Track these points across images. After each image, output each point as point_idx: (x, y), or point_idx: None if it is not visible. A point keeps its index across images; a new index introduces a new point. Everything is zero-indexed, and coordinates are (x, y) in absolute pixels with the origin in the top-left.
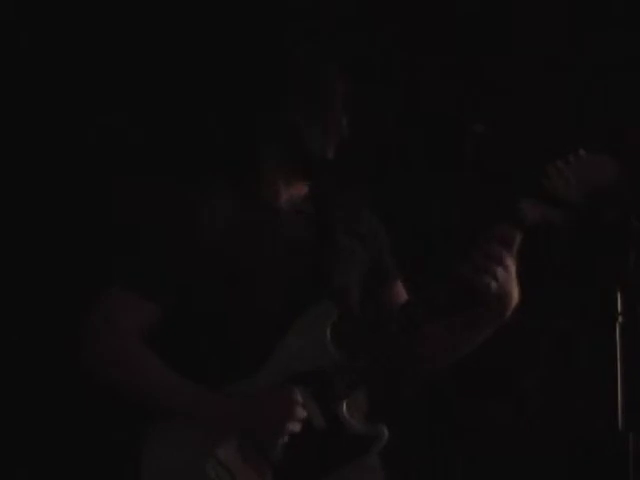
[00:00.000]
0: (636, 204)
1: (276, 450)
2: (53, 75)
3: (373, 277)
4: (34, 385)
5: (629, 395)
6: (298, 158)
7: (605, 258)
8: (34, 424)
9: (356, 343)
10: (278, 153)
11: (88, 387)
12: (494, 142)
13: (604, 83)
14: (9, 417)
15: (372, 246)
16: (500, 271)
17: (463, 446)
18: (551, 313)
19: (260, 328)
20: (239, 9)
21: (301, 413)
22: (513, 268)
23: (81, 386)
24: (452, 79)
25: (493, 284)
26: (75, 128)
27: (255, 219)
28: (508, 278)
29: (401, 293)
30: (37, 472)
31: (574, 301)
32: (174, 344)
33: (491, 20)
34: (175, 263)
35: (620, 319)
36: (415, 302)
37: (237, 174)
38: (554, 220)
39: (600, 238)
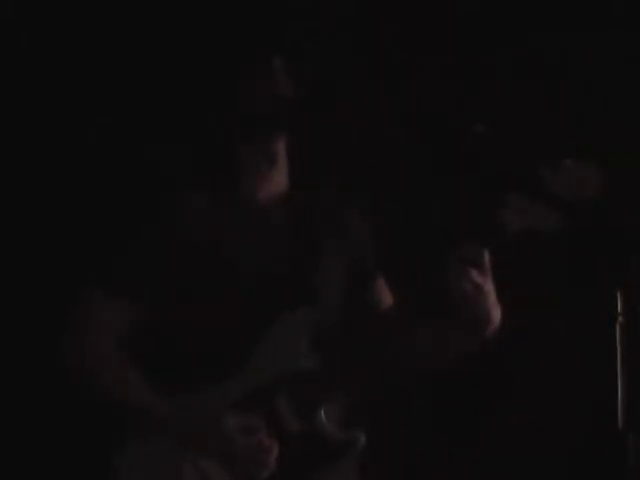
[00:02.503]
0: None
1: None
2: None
3: (353, 277)
4: (14, 385)
5: (629, 395)
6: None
7: (605, 258)
8: (12, 424)
9: (334, 347)
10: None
11: (68, 388)
12: (494, 142)
13: (604, 83)
14: None
15: (353, 245)
16: (468, 286)
17: (463, 446)
18: (551, 313)
19: (236, 331)
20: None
21: (240, 441)
22: (487, 285)
23: (62, 386)
24: (452, 79)
25: (463, 302)
26: (57, 127)
27: (233, 216)
28: (478, 294)
29: (383, 294)
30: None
31: (574, 301)
32: (148, 347)
33: (491, 20)
34: (154, 265)
35: (620, 319)
36: (398, 306)
37: (215, 170)
38: (542, 227)
39: (600, 238)
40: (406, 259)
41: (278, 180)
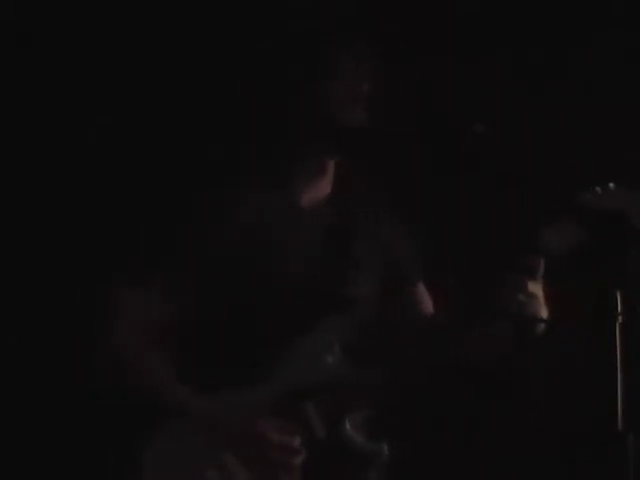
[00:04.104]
0: None
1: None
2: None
3: (390, 284)
4: (37, 384)
5: (629, 395)
6: (328, 130)
7: (605, 258)
8: (36, 423)
9: (367, 358)
10: (306, 133)
11: (97, 385)
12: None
13: (605, 84)
14: (11, 417)
15: (390, 251)
16: (524, 298)
17: (463, 445)
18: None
19: (270, 337)
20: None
21: (273, 442)
22: (539, 293)
23: (89, 384)
24: (452, 79)
25: (518, 310)
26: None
27: (275, 221)
28: (533, 303)
29: (422, 299)
30: (39, 472)
31: (574, 301)
32: (184, 345)
33: (491, 20)
34: (194, 263)
35: (620, 319)
36: (442, 312)
37: (261, 174)
38: (578, 242)
39: (600, 238)
40: (452, 266)
41: (324, 187)
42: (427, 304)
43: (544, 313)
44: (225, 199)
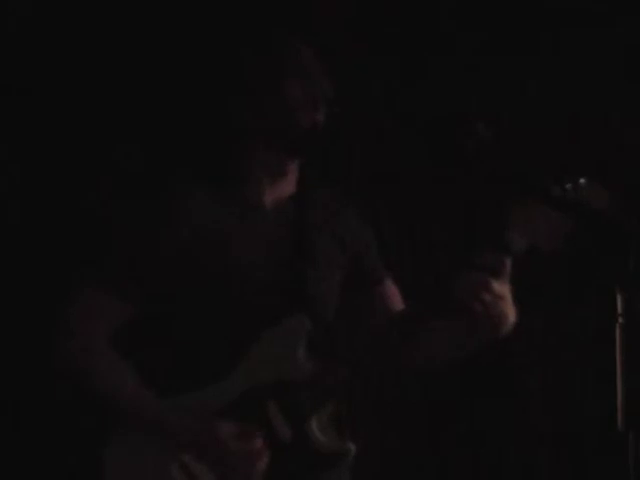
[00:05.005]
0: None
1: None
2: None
3: (353, 281)
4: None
5: (629, 395)
6: (286, 133)
7: (605, 258)
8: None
9: (330, 355)
10: (265, 134)
11: (57, 386)
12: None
13: (605, 83)
14: None
15: (353, 248)
16: (488, 297)
17: (462, 445)
18: (551, 313)
19: (230, 335)
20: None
21: (232, 445)
22: (505, 292)
23: (50, 384)
24: (452, 79)
25: (479, 307)
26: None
27: (235, 220)
28: (497, 302)
29: (389, 294)
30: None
31: (574, 301)
32: (141, 345)
33: (491, 20)
34: (149, 263)
35: (620, 319)
36: (404, 315)
37: (218, 172)
38: (541, 247)
39: (600, 238)
40: (415, 263)
41: (286, 187)
42: (396, 299)
43: (512, 315)
44: (179, 200)
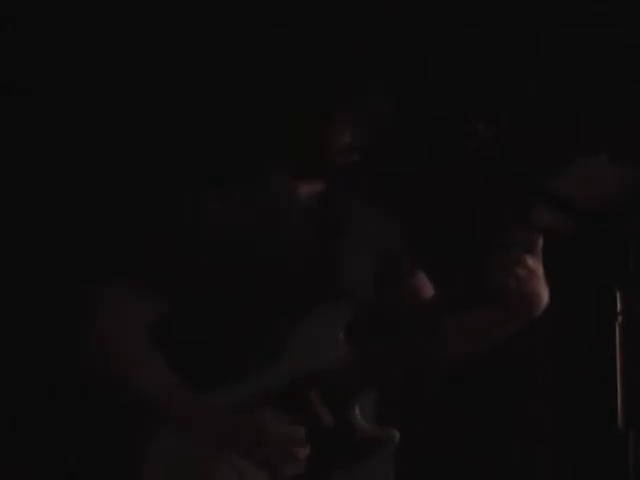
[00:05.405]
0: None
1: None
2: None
3: (383, 277)
4: (34, 385)
5: (629, 395)
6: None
7: (605, 258)
8: (33, 424)
9: (369, 343)
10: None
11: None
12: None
13: (605, 83)
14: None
15: (382, 245)
16: (522, 272)
17: (463, 444)
18: (551, 313)
19: (268, 326)
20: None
21: (273, 432)
22: (539, 269)
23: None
24: (452, 79)
25: (513, 284)
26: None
27: (265, 215)
28: (532, 279)
29: (421, 288)
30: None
31: (574, 301)
32: (177, 343)
33: (491, 20)
34: (180, 260)
35: (620, 319)
36: (435, 300)
37: (244, 170)
38: (563, 226)
39: (600, 237)
40: (445, 251)
41: (315, 185)
42: (428, 291)
43: (545, 291)
44: (209, 196)
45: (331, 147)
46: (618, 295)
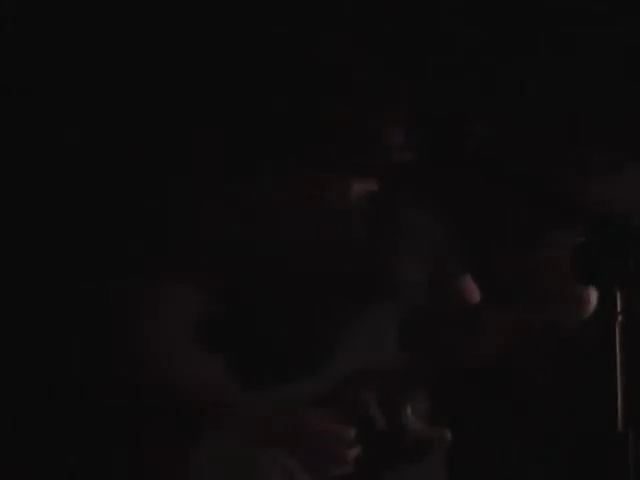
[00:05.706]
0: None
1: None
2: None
3: (432, 279)
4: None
5: (629, 395)
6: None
7: (605, 258)
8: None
9: (422, 345)
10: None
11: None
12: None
13: (605, 82)
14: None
15: (430, 246)
16: (562, 274)
17: (462, 444)
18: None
19: (318, 326)
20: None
21: (322, 436)
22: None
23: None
24: (452, 79)
25: (564, 285)
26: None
27: (315, 215)
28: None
29: (469, 291)
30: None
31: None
32: (228, 341)
33: (491, 20)
34: (231, 258)
35: (620, 319)
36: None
37: (294, 167)
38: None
39: (600, 237)
40: (491, 253)
41: (369, 185)
42: (474, 293)
43: (594, 296)
44: (253, 192)
45: (383, 147)
46: (618, 295)
